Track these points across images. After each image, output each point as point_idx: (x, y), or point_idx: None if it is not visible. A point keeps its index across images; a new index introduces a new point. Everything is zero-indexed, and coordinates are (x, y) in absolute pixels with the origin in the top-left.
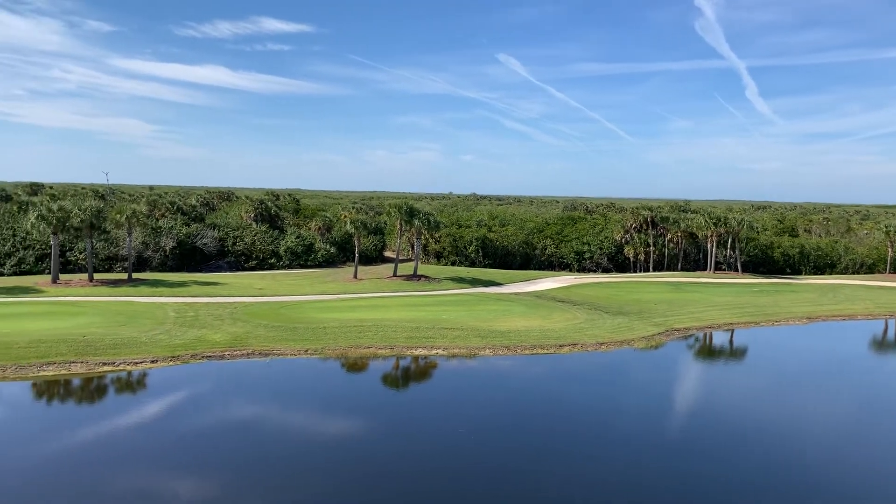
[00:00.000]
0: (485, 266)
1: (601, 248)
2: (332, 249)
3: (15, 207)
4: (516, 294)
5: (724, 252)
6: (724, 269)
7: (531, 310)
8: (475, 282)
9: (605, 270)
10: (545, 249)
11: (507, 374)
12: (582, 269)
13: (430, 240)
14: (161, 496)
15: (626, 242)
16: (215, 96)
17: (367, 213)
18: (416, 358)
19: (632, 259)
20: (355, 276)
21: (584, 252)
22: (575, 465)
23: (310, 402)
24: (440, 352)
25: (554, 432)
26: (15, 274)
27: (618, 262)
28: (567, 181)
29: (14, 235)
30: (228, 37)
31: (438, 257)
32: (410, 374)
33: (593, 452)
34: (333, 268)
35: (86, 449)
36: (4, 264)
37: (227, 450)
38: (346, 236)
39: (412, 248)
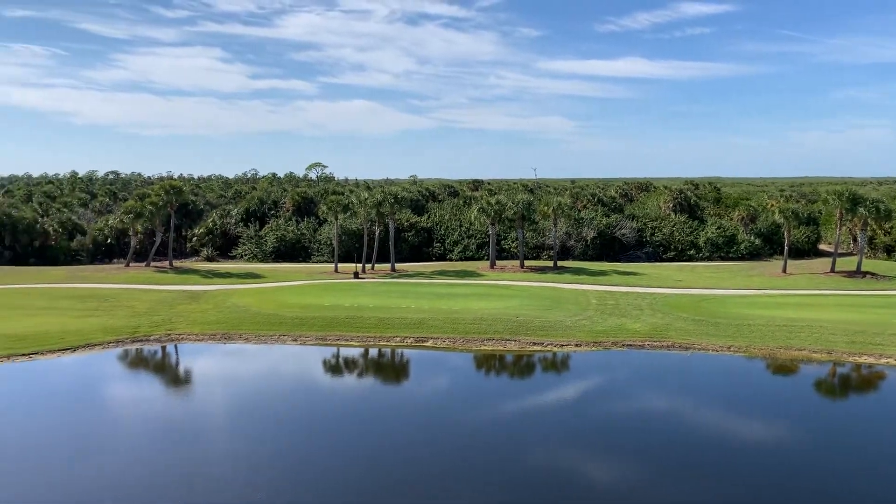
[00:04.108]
0: None
1: None
2: (757, 241)
3: (461, 202)
4: None
5: None
6: None
7: None
8: None
9: None
10: None
11: None
12: None
13: (879, 231)
14: (575, 475)
15: None
16: (632, 88)
17: (797, 202)
18: (858, 366)
19: None
20: (784, 271)
21: None
22: None
23: (731, 401)
24: (891, 361)
25: None
26: (461, 259)
27: None
28: None
29: (461, 225)
30: (647, 27)
31: (889, 252)
32: (851, 383)
33: None
34: (758, 261)
35: (514, 419)
36: (453, 250)
37: (641, 439)
38: (774, 227)
39: (854, 240)
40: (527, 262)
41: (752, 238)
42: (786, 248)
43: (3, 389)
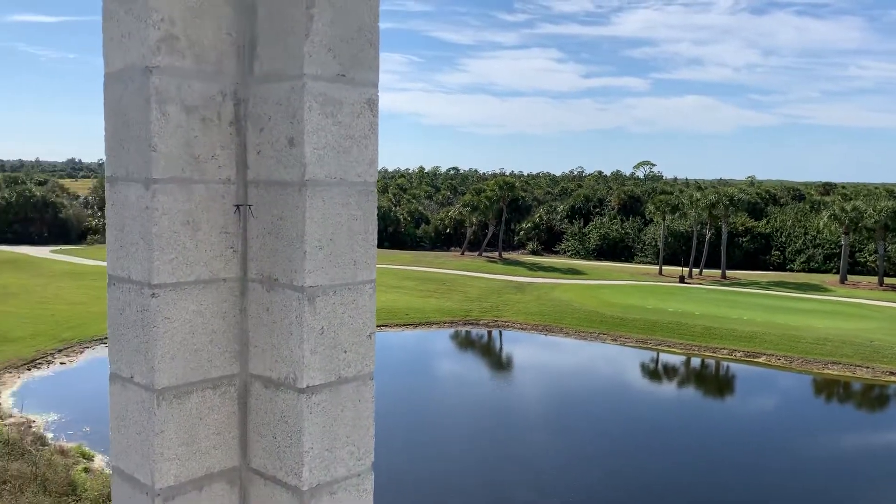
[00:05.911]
0: None
1: None
2: None
3: (807, 206)
4: None
5: None
6: None
7: None
8: None
9: None
10: None
11: None
12: None
13: None
14: None
15: None
16: None
17: None
18: None
19: None
20: None
21: None
22: None
23: None
24: None
25: None
26: (803, 270)
27: None
28: None
29: (805, 233)
30: None
31: None
32: None
33: None
34: None
35: (858, 459)
36: (794, 260)
37: None
38: None
39: None
40: (887, 280)
41: None
42: None
43: None
